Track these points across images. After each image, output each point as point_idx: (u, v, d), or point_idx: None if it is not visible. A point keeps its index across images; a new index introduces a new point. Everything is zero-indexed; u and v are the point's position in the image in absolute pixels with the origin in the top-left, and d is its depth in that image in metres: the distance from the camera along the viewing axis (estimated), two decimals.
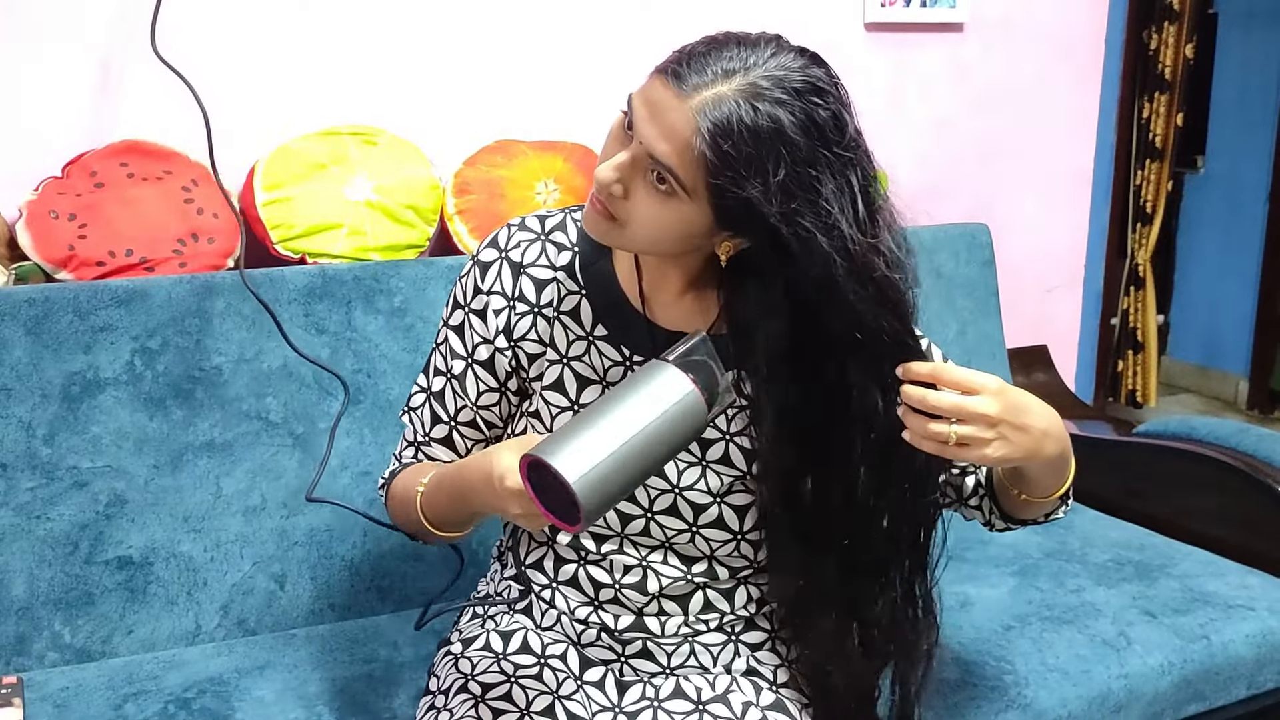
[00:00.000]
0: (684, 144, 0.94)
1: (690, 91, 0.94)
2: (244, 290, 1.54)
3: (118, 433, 1.49)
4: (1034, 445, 1.00)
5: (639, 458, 0.89)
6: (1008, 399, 0.97)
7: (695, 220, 0.99)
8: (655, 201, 0.98)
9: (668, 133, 0.95)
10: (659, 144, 0.95)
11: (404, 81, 1.80)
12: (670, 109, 0.95)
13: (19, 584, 1.44)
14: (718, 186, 0.95)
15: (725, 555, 1.16)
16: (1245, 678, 1.51)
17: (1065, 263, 2.46)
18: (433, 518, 1.11)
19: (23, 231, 1.53)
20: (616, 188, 0.99)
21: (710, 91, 0.94)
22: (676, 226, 1.00)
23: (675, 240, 1.02)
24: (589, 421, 0.90)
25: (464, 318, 1.18)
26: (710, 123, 0.93)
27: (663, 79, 0.96)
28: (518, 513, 0.95)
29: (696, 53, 0.96)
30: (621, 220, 1.00)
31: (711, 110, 0.93)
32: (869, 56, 2.08)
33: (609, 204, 1.00)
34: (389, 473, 1.25)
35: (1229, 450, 1.79)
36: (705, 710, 1.14)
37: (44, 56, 1.59)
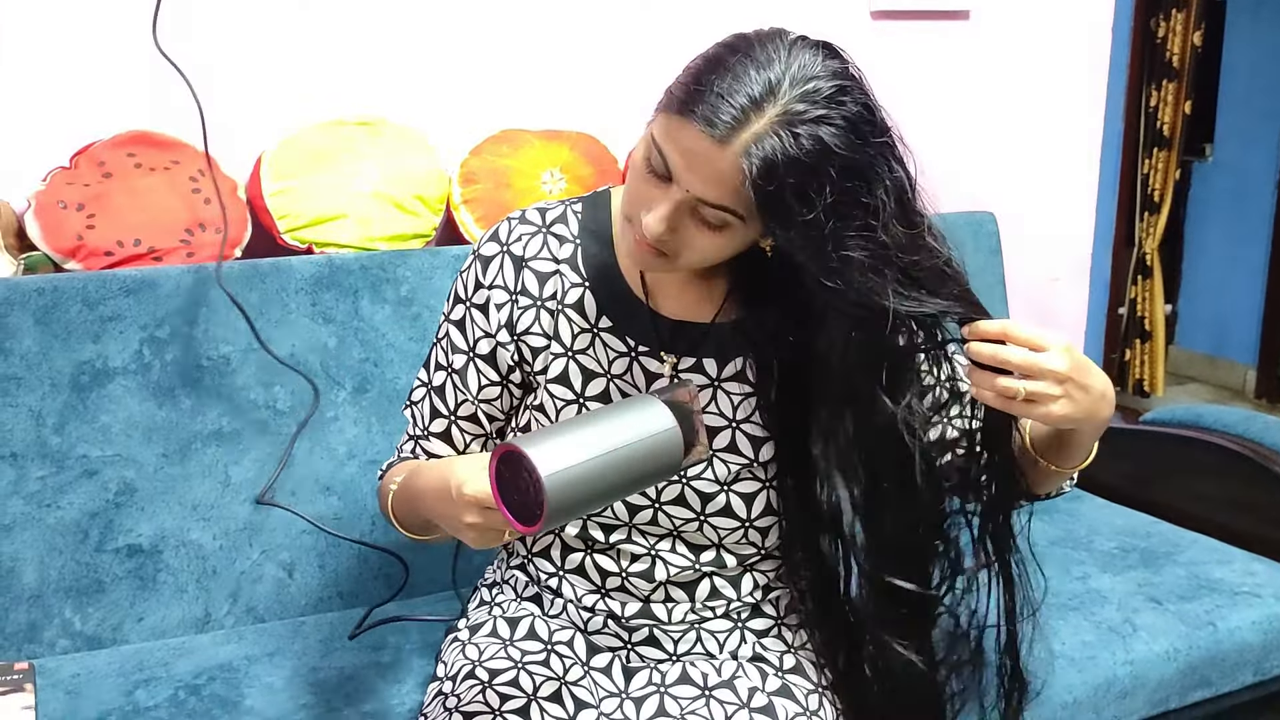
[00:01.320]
0: (734, 185, 0.93)
1: (727, 134, 0.92)
2: (250, 280, 1.55)
3: (127, 422, 1.50)
4: (1094, 406, 0.99)
5: (610, 474, 0.90)
6: (1075, 357, 0.97)
7: (751, 235, 1.01)
8: (708, 234, 0.99)
9: (714, 179, 0.94)
10: (707, 190, 0.95)
11: (409, 72, 1.81)
12: (711, 158, 0.93)
13: (30, 572, 1.45)
14: (774, 208, 0.94)
15: (734, 543, 1.16)
16: (1251, 664, 1.52)
17: (1072, 251, 2.46)
18: (401, 516, 1.16)
19: (31, 221, 1.54)
20: (667, 233, 0.99)
21: (748, 132, 0.91)
22: (732, 246, 1.02)
23: (730, 254, 1.04)
24: (570, 428, 0.91)
25: (465, 312, 1.18)
26: (759, 161, 0.91)
27: (694, 127, 0.93)
28: (470, 522, 0.95)
29: (715, 88, 0.92)
30: (674, 254, 1.01)
31: (756, 151, 0.91)
32: (875, 44, 2.07)
33: (658, 244, 1.00)
34: (386, 464, 1.26)
35: (1236, 438, 1.79)
36: (711, 696, 1.14)
37: (52, 47, 1.60)
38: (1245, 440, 1.78)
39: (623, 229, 1.04)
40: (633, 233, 1.01)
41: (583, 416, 0.94)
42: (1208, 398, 4.25)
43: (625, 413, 0.93)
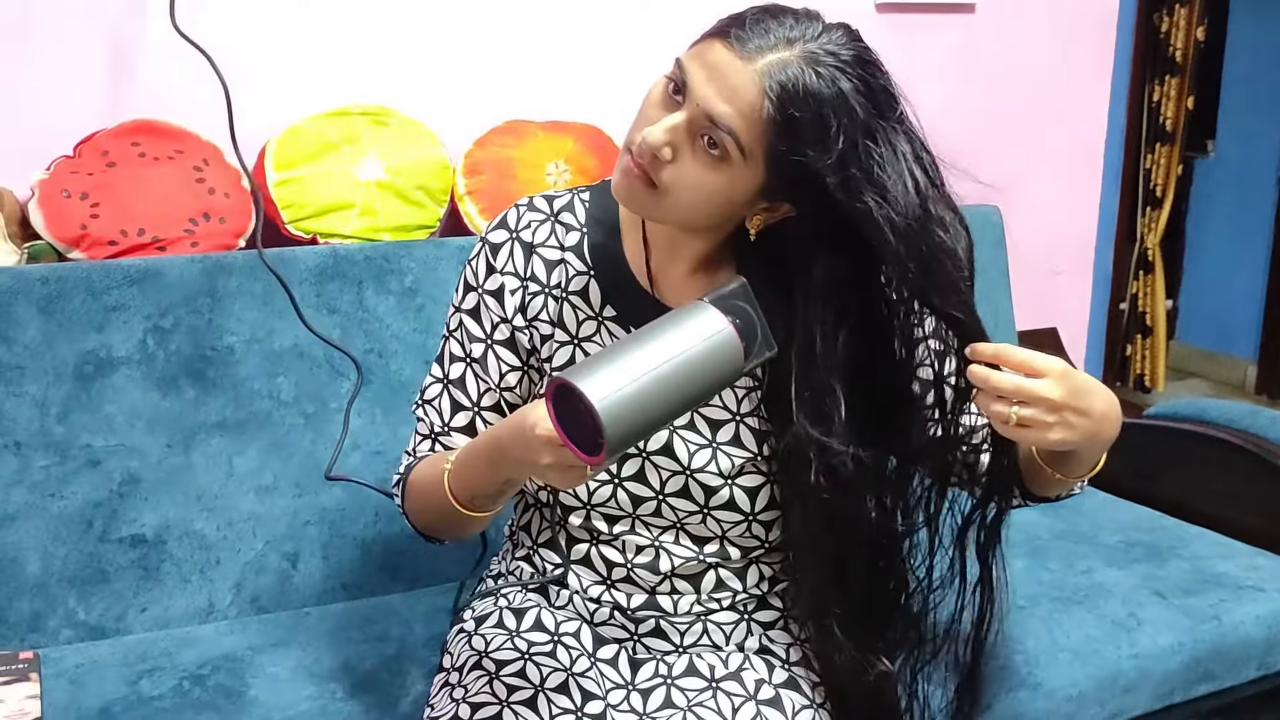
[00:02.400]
0: (748, 106, 0.95)
1: (754, 54, 0.95)
2: (256, 270, 1.54)
3: (131, 412, 1.49)
4: (1094, 429, 0.98)
5: (666, 388, 0.87)
6: (1071, 383, 0.96)
7: (744, 187, 1.00)
8: (704, 167, 0.98)
9: (729, 94, 0.95)
10: (719, 105, 0.96)
11: (415, 62, 1.80)
12: (733, 71, 0.95)
13: (34, 562, 1.44)
14: (779, 151, 0.96)
15: (737, 536, 1.16)
16: (1255, 658, 1.52)
17: (1075, 245, 2.46)
18: (462, 494, 1.08)
19: (35, 210, 1.53)
20: (666, 151, 0.98)
21: (775, 55, 0.95)
22: (722, 193, 1.00)
23: (716, 209, 1.02)
24: (618, 351, 0.88)
25: (478, 300, 1.17)
26: (778, 85, 0.94)
27: (724, 41, 0.96)
28: (548, 462, 0.92)
29: (754, 19, 0.97)
30: (663, 188, 1.00)
31: (777, 73, 0.94)
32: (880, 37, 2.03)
33: (651, 169, 0.99)
34: (404, 467, 1.22)
35: (1240, 432, 1.79)
36: (718, 687, 1.14)
37: (56, 35, 1.59)
38: (1249, 435, 1.78)
39: (618, 163, 1.03)
40: (627, 159, 1.01)
41: (632, 336, 0.90)
42: (1208, 393, 4.25)
43: (675, 324, 0.90)
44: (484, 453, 1.06)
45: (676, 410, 0.90)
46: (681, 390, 0.89)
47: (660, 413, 0.88)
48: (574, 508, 1.16)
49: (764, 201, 1.03)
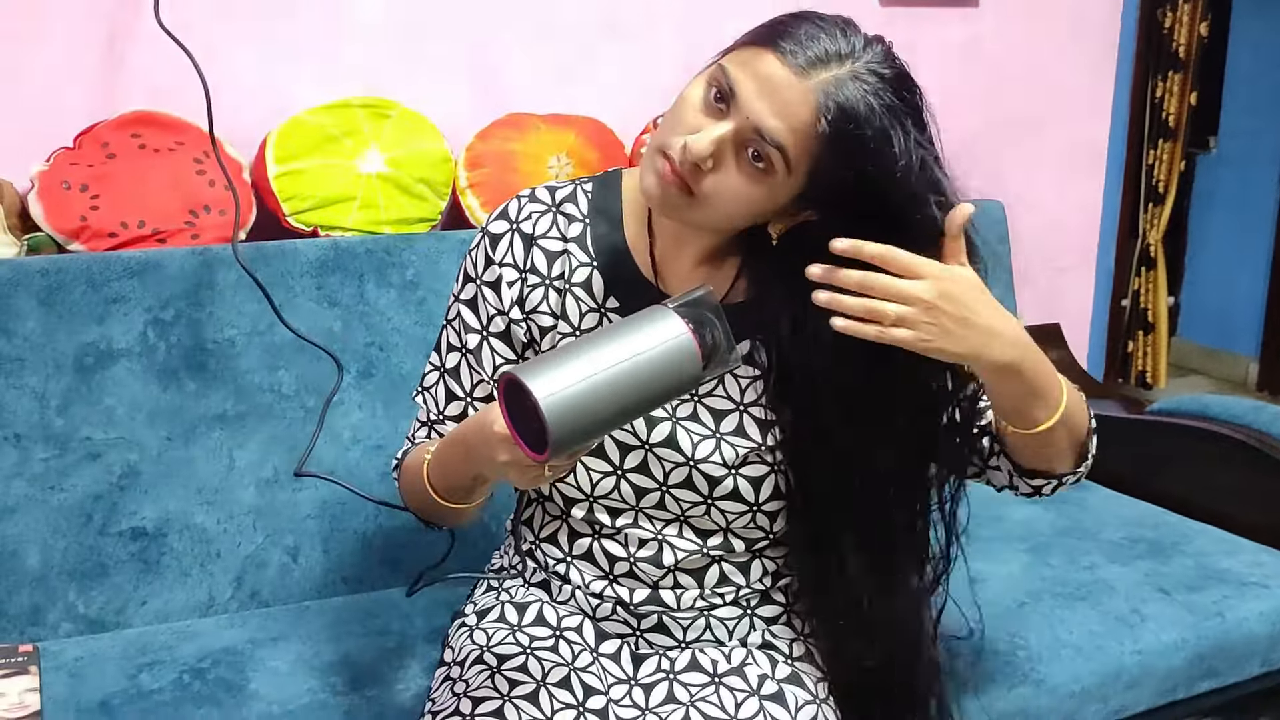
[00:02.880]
0: (801, 123, 0.95)
1: (807, 69, 0.95)
2: (256, 262, 1.53)
3: (131, 404, 1.49)
4: (978, 342, 0.97)
5: (617, 390, 0.86)
6: (948, 288, 0.95)
7: (779, 197, 1.01)
8: (746, 178, 0.99)
9: (781, 109, 0.95)
10: (771, 120, 0.96)
11: (416, 55, 1.79)
12: (786, 86, 0.95)
13: (33, 554, 1.44)
14: (825, 166, 0.96)
15: (741, 528, 1.16)
16: (1259, 655, 1.51)
17: (1078, 241, 2.45)
18: (439, 485, 1.11)
19: (35, 202, 1.52)
20: (709, 162, 0.98)
21: (829, 73, 0.95)
22: (759, 204, 1.01)
23: (748, 216, 1.03)
24: (571, 350, 0.88)
25: (476, 290, 1.17)
26: (835, 104, 0.94)
27: (775, 53, 0.96)
28: (505, 460, 0.92)
29: (806, 33, 0.96)
30: (701, 196, 1.00)
31: (833, 92, 0.94)
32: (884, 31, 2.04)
33: (690, 177, 0.99)
34: (401, 453, 1.24)
35: (1243, 428, 1.79)
36: (721, 683, 1.14)
37: (55, 27, 1.58)
38: (1252, 430, 1.77)
39: (648, 163, 1.01)
40: (663, 163, 1.00)
41: (589, 335, 0.90)
42: (1210, 389, 4.24)
43: (632, 327, 0.89)
44: (455, 446, 1.08)
45: (628, 413, 0.89)
46: (633, 393, 0.87)
47: (610, 414, 0.87)
48: (576, 500, 1.16)
49: (793, 209, 1.03)
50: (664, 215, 1.06)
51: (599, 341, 0.88)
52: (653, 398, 0.89)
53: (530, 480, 0.95)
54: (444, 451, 1.10)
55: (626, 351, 0.87)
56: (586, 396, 0.85)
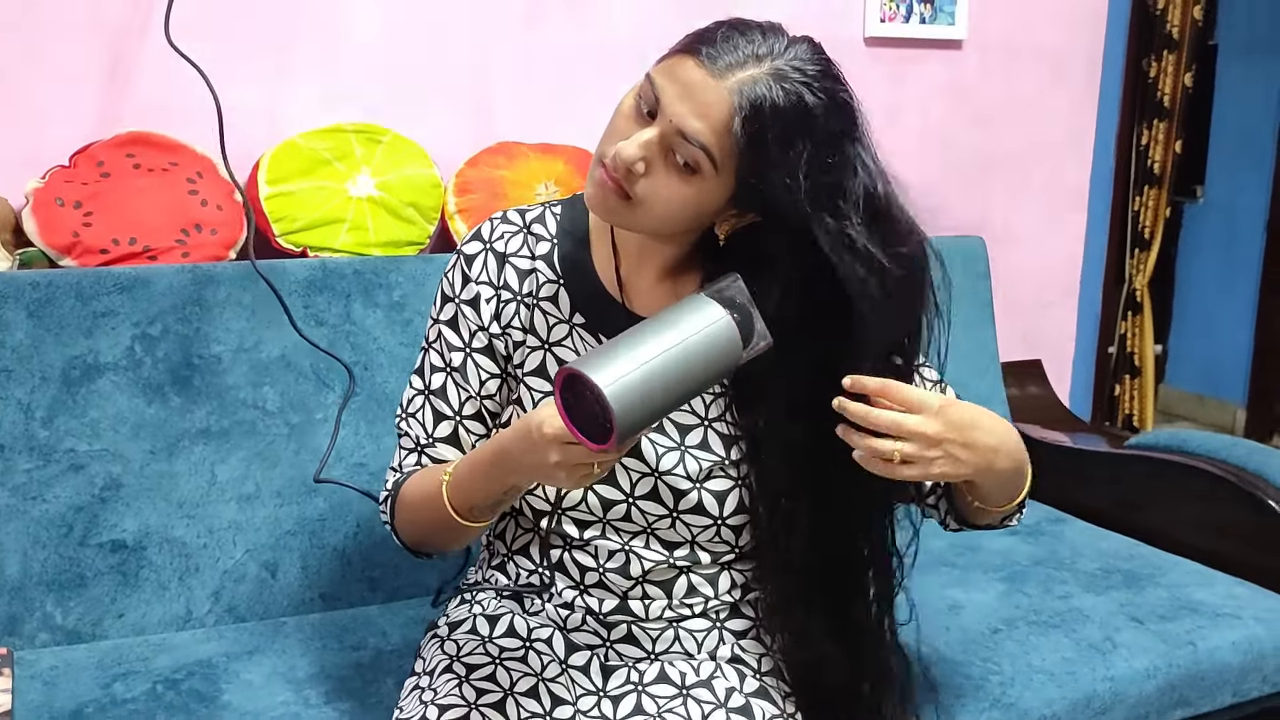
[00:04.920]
0: (720, 123, 0.98)
1: (724, 71, 0.98)
2: (244, 281, 1.56)
3: (115, 417, 1.51)
4: (983, 461, 1.02)
5: (669, 376, 0.90)
6: (950, 416, 0.99)
7: (714, 198, 1.03)
8: (677, 179, 1.01)
9: (701, 111, 0.99)
10: (692, 121, 0.99)
11: (410, 84, 1.83)
12: (705, 88, 0.98)
13: (13, 564, 1.45)
14: (748, 165, 0.99)
15: (706, 540, 1.17)
16: (1230, 685, 1.52)
17: (1060, 279, 2.48)
18: (461, 505, 1.08)
19: (29, 218, 1.55)
20: (640, 165, 1.01)
21: (744, 73, 0.98)
22: (693, 204, 1.03)
23: (687, 218, 1.05)
24: (621, 342, 0.92)
25: (455, 310, 1.19)
26: (748, 102, 0.97)
27: (695, 59, 0.99)
28: (556, 460, 0.93)
29: (722, 36, 1.00)
30: (636, 199, 1.03)
31: (748, 90, 0.98)
32: (868, 70, 2.11)
33: (625, 181, 1.02)
34: (391, 484, 1.21)
35: (1220, 462, 1.80)
36: (689, 695, 1.14)
37: (55, 47, 1.62)
38: (1229, 465, 1.79)
39: (590, 173, 1.05)
40: (600, 172, 1.03)
41: (633, 329, 0.94)
42: None
43: (675, 316, 0.93)
44: (487, 461, 1.06)
45: (680, 397, 0.93)
46: (684, 377, 0.92)
47: (665, 399, 0.91)
48: (545, 512, 1.17)
49: (733, 209, 1.06)
50: (607, 221, 1.09)
51: (646, 333, 0.92)
52: (702, 381, 0.94)
53: (579, 479, 0.96)
54: (469, 471, 1.08)
55: (674, 339, 0.91)
56: (645, 382, 0.89)
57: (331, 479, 1.41)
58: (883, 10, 2.08)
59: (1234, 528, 1.77)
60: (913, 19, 2.12)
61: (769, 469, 1.12)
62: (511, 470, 1.02)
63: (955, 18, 2.18)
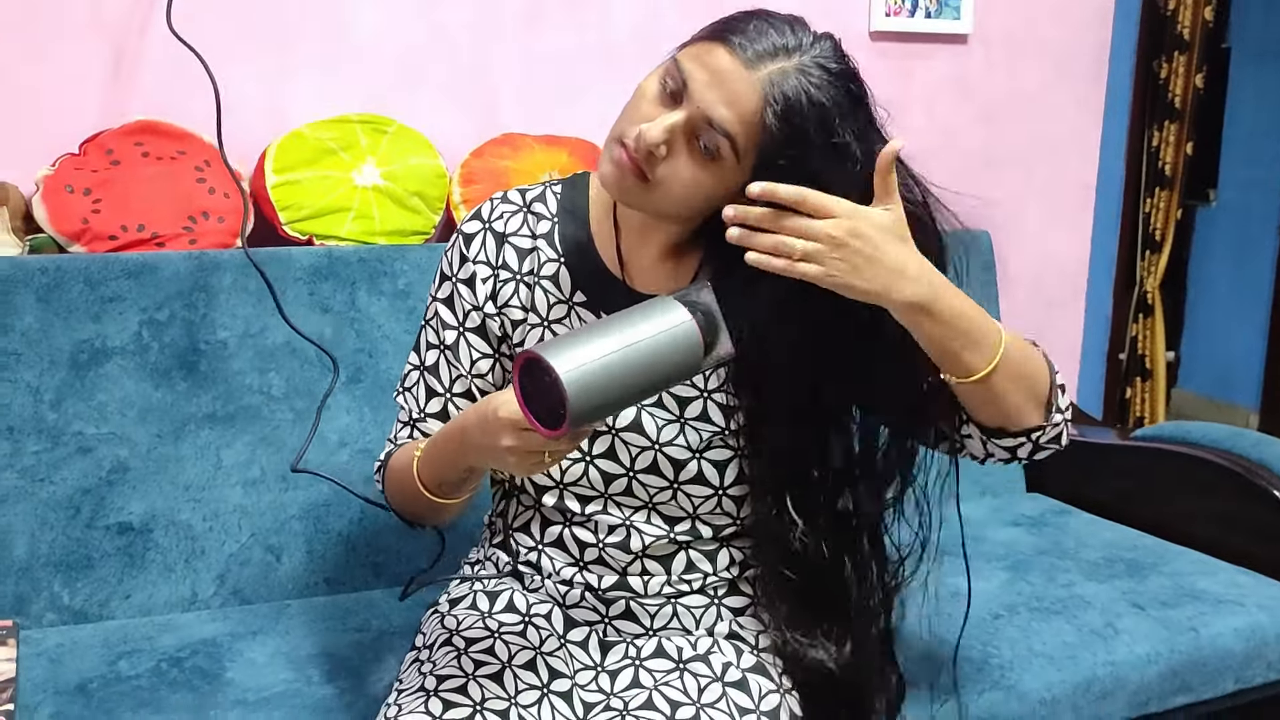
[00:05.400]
0: (749, 113, 0.99)
1: (754, 62, 1.00)
2: (250, 268, 1.57)
3: (123, 401, 1.52)
4: (885, 279, 0.99)
5: (628, 370, 0.90)
6: (857, 226, 0.98)
7: (730, 185, 1.03)
8: (697, 165, 1.03)
9: (731, 99, 1.00)
10: (721, 109, 1.00)
11: (416, 76, 1.85)
12: (736, 78, 0.99)
13: (21, 545, 1.47)
14: (771, 155, 1.00)
15: (708, 513, 1.18)
16: (1233, 671, 1.51)
17: (1068, 278, 2.48)
18: (429, 480, 1.13)
19: (39, 205, 1.57)
20: (662, 149, 1.02)
21: (775, 65, 1.00)
22: (709, 190, 1.04)
23: (700, 204, 1.06)
24: (584, 332, 0.92)
25: (452, 289, 1.20)
26: (781, 95, 0.98)
27: (726, 47, 1.00)
28: (508, 444, 0.95)
29: (754, 27, 1.01)
30: (654, 182, 1.04)
31: (779, 82, 0.99)
32: (873, 65, 2.11)
33: (645, 163, 1.03)
34: (384, 454, 1.26)
35: (1224, 453, 1.80)
36: (685, 669, 1.15)
37: (65, 38, 1.64)
38: (1233, 455, 1.78)
39: (606, 153, 1.06)
40: (619, 151, 1.04)
41: (599, 321, 0.95)
42: None
43: (640, 313, 0.94)
44: (450, 439, 1.10)
45: (636, 393, 0.93)
46: (643, 374, 0.92)
47: (621, 393, 0.91)
48: (547, 487, 1.18)
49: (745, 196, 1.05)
50: (621, 202, 1.09)
51: (610, 326, 0.93)
52: (660, 380, 0.94)
53: (529, 466, 0.97)
54: (435, 446, 1.12)
55: (636, 336, 0.92)
56: (602, 373, 0.89)
57: (308, 469, 1.41)
58: (888, 4, 2.09)
59: (1239, 518, 1.76)
60: (918, 13, 2.13)
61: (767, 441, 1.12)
62: (470, 451, 1.04)
63: (960, 12, 2.18)
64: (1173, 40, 3.42)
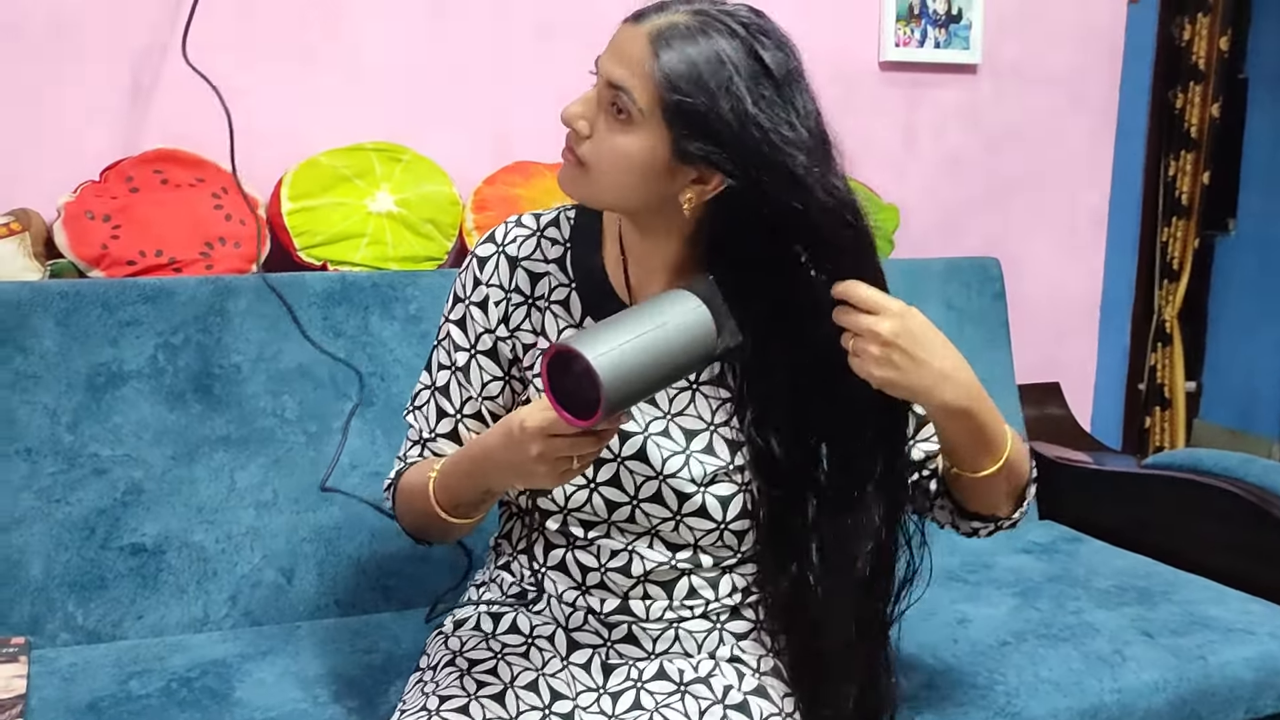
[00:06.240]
0: (638, 64, 1.02)
1: (644, 20, 1.03)
2: (264, 292, 1.60)
3: (138, 423, 1.55)
4: (928, 381, 1.02)
5: (654, 353, 0.94)
6: (907, 326, 1.00)
7: (653, 148, 1.03)
8: (615, 133, 1.04)
9: (624, 58, 1.03)
10: (615, 69, 1.03)
11: (430, 105, 1.88)
12: (628, 39, 1.03)
13: (36, 565, 1.49)
14: (671, 103, 1.01)
15: (709, 544, 1.18)
16: (1244, 701, 1.50)
17: (1080, 305, 2.48)
18: (446, 501, 1.13)
19: (60, 231, 1.61)
20: (582, 124, 1.06)
21: (664, 17, 1.03)
22: (637, 158, 1.04)
23: (635, 180, 1.05)
24: (602, 325, 0.95)
25: (465, 311, 1.22)
26: (663, 40, 1.01)
27: (626, 21, 1.05)
28: (537, 453, 0.96)
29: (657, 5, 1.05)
30: (587, 163, 1.06)
31: (665, 31, 1.02)
32: (884, 94, 2.14)
33: (576, 147, 1.07)
34: (394, 473, 1.27)
35: (1236, 481, 1.79)
36: (687, 691, 1.16)
37: (87, 69, 1.69)
38: (1245, 483, 1.78)
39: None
40: (564, 147, 1.08)
41: (613, 316, 0.97)
42: None
43: (653, 303, 0.98)
44: (469, 460, 1.11)
45: (660, 378, 0.96)
46: (663, 357, 0.95)
47: (646, 377, 0.94)
48: (551, 512, 1.19)
49: (684, 168, 1.05)
50: (571, 196, 1.11)
51: (627, 317, 0.96)
52: (681, 363, 0.97)
53: (560, 475, 0.98)
54: (454, 467, 1.13)
55: (653, 322, 0.96)
56: (629, 357, 0.92)
57: (339, 489, 1.43)
58: (898, 35, 2.11)
59: (1250, 546, 1.75)
60: (927, 43, 2.15)
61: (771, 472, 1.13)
62: (492, 469, 1.05)
63: (970, 43, 2.20)
64: (1188, 70, 3.43)
